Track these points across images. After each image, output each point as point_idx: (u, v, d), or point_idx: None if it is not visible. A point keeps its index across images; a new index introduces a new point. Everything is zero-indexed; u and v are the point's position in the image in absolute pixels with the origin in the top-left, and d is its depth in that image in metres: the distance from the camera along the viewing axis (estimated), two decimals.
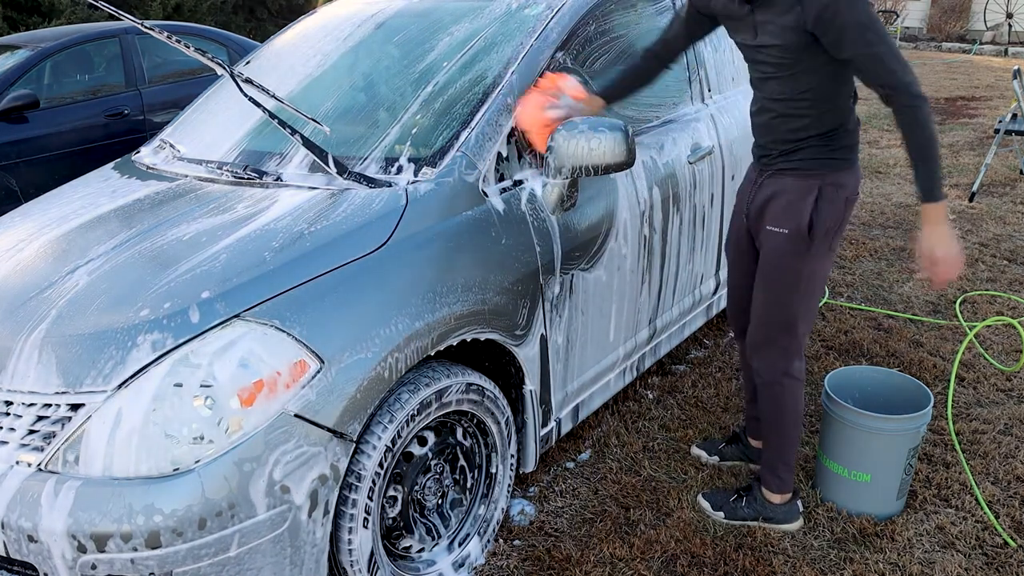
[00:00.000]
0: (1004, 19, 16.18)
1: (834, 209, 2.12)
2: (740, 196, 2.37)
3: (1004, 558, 2.25)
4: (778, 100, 2.10)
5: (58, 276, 1.93)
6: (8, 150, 4.76)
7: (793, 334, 2.23)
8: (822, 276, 2.19)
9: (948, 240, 1.92)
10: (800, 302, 2.20)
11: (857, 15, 1.86)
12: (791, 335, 2.23)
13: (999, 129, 5.73)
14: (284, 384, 1.68)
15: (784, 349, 2.25)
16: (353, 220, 1.97)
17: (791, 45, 1.97)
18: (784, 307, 2.21)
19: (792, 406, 2.30)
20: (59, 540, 1.57)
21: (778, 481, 2.36)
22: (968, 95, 10.33)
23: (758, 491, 2.40)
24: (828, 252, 2.17)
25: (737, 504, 2.41)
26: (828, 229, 2.13)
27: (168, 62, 5.75)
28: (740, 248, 2.40)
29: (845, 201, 2.13)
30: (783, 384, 2.28)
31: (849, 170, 2.13)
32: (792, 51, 1.99)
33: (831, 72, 2.01)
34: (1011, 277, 4.23)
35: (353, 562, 1.88)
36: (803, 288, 2.18)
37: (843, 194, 2.12)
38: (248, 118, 2.57)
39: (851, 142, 2.12)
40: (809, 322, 2.25)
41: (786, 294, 2.19)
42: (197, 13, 11.47)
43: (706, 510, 2.44)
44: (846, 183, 2.13)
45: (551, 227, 2.29)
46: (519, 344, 2.22)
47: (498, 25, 2.52)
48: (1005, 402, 3.04)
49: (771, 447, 2.36)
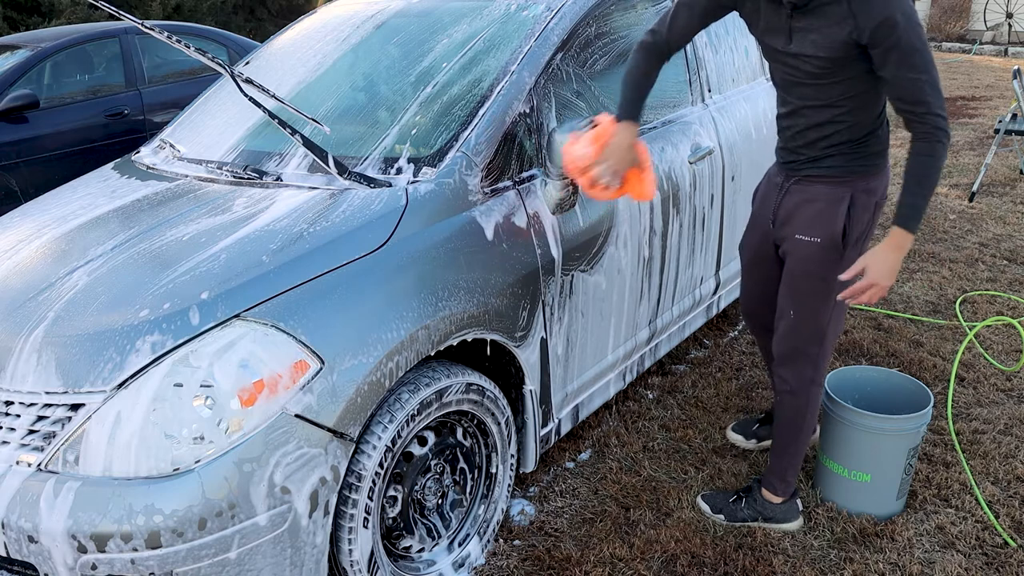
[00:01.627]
0: (1004, 19, 16.18)
1: (866, 215, 2.08)
2: (763, 201, 2.30)
3: (1004, 558, 2.25)
4: (811, 106, 2.03)
5: (57, 276, 1.93)
6: (8, 150, 4.76)
7: (823, 343, 2.19)
8: (851, 283, 2.13)
9: (895, 270, 1.92)
10: (831, 312, 2.16)
11: (912, 39, 1.81)
12: (821, 345, 2.19)
13: (999, 129, 5.73)
14: (284, 384, 1.68)
15: (813, 359, 2.21)
16: (353, 220, 1.97)
17: (837, 57, 1.90)
18: (816, 318, 2.16)
19: (812, 414, 2.30)
20: (59, 540, 1.57)
21: (784, 485, 2.36)
22: (968, 95, 10.33)
23: (758, 492, 2.39)
24: (858, 258, 2.11)
25: (737, 506, 2.40)
26: (859, 235, 2.09)
27: (168, 62, 5.75)
28: (760, 254, 2.34)
29: (875, 206, 2.09)
30: (809, 393, 2.25)
31: (879, 175, 2.09)
32: (835, 62, 1.92)
33: (870, 82, 1.96)
34: (1011, 277, 4.23)
35: (353, 562, 1.88)
36: (834, 298, 2.14)
37: (874, 199, 2.08)
38: (248, 118, 2.57)
39: (882, 147, 2.07)
40: (838, 330, 2.21)
41: (819, 305, 2.15)
42: (197, 13, 11.47)
43: (706, 512, 2.43)
44: (876, 188, 2.08)
45: (551, 228, 2.29)
46: (519, 345, 2.22)
47: (498, 26, 2.52)
48: (1005, 402, 3.04)
49: (787, 453, 2.33)
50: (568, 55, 2.49)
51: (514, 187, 2.25)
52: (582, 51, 2.55)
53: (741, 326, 3.74)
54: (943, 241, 4.83)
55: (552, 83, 2.41)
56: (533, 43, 2.39)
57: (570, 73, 2.49)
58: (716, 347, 3.54)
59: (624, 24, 2.76)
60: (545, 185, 2.28)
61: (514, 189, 2.25)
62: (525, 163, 2.30)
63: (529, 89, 2.31)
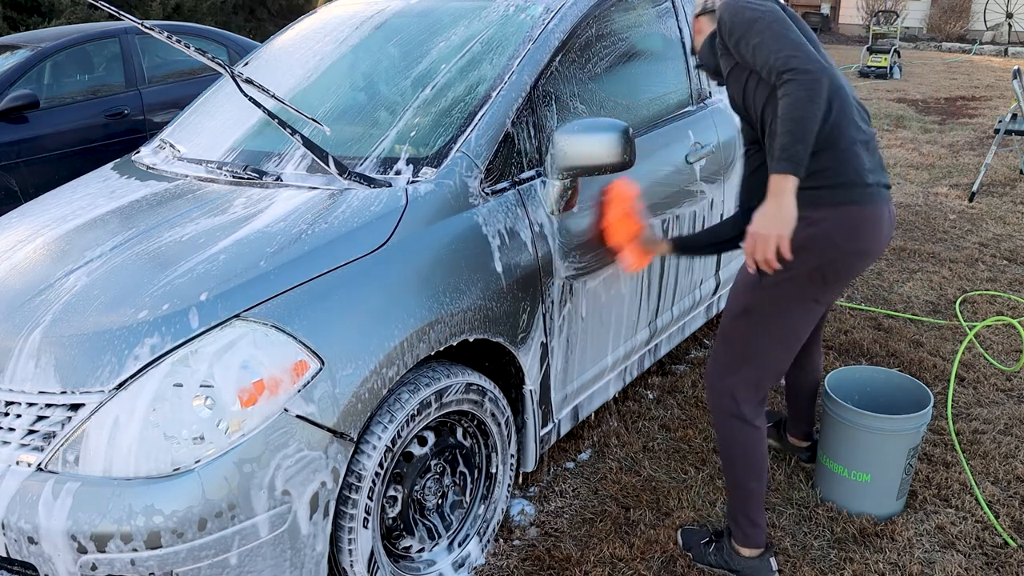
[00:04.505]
0: (1004, 19, 16.18)
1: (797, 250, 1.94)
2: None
3: (1004, 558, 2.25)
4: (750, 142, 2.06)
5: (57, 277, 1.93)
6: (8, 150, 4.76)
7: (738, 374, 2.08)
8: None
9: (774, 217, 1.74)
10: (753, 348, 2.07)
11: (734, 24, 1.86)
12: (737, 375, 2.08)
13: (999, 129, 5.73)
14: (284, 385, 1.68)
15: (730, 390, 2.12)
16: (353, 220, 1.97)
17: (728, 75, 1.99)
18: (734, 350, 2.11)
19: (741, 451, 2.10)
20: (59, 541, 1.57)
21: (742, 534, 2.15)
22: (968, 95, 10.33)
23: (727, 539, 2.20)
24: (784, 297, 2.00)
25: (706, 549, 2.23)
26: (788, 274, 1.97)
27: (168, 62, 5.75)
28: None
29: (816, 246, 1.92)
30: (731, 427, 2.11)
31: (821, 207, 1.93)
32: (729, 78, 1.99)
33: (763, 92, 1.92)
34: (1011, 277, 4.23)
35: (353, 562, 1.88)
36: (755, 334, 2.06)
37: (808, 232, 1.92)
38: (248, 118, 2.57)
39: (828, 178, 1.91)
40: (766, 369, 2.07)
41: (736, 335, 2.08)
42: (197, 13, 11.47)
43: (679, 545, 2.30)
44: (816, 220, 1.92)
45: (551, 229, 2.29)
46: (519, 345, 2.22)
47: (497, 27, 2.52)
48: (1005, 402, 3.04)
49: (731, 494, 2.16)
50: (568, 56, 2.49)
51: (514, 188, 2.25)
52: (582, 52, 2.55)
53: None
54: (943, 241, 4.83)
55: (552, 84, 2.41)
56: (532, 44, 2.39)
57: (570, 74, 2.48)
58: None
59: (624, 25, 2.76)
60: (545, 185, 2.28)
61: (514, 190, 2.25)
62: (525, 164, 2.30)
63: (529, 90, 2.31)
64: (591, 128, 2.15)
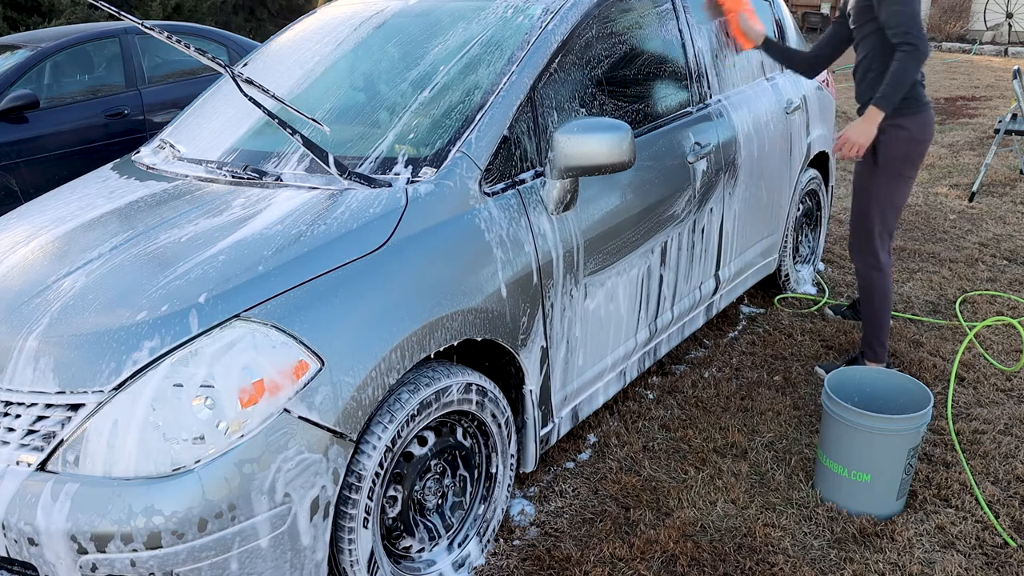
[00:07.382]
0: (1004, 19, 16.17)
1: (896, 146, 2.88)
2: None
3: (1004, 558, 2.25)
4: (860, 60, 2.94)
5: (56, 277, 1.93)
6: (8, 150, 4.76)
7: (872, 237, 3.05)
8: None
9: (863, 131, 2.77)
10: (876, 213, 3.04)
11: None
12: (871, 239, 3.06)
13: (999, 129, 5.72)
14: (284, 385, 1.68)
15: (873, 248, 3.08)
16: (353, 220, 1.97)
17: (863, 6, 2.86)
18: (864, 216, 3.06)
19: (881, 292, 3.09)
20: (59, 541, 1.57)
21: (872, 353, 3.13)
22: (968, 95, 10.34)
23: (862, 361, 3.15)
24: (890, 182, 2.94)
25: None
26: (890, 160, 2.92)
27: (168, 62, 5.75)
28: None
29: (908, 143, 2.87)
30: (871, 277, 3.09)
31: (912, 116, 2.87)
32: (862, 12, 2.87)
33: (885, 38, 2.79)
34: (1011, 277, 4.23)
35: (353, 562, 1.88)
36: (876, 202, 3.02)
37: (904, 134, 2.87)
38: (248, 118, 2.57)
39: (912, 96, 2.85)
40: (888, 227, 3.03)
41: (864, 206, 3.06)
42: (197, 13, 11.47)
43: (820, 375, 3.19)
44: (908, 126, 2.86)
45: (551, 229, 2.29)
46: (519, 346, 2.22)
47: (497, 27, 2.52)
48: (1005, 402, 3.04)
49: (869, 324, 3.13)
50: (567, 56, 2.49)
51: (514, 188, 2.25)
52: (581, 52, 2.55)
53: (741, 326, 3.74)
54: (943, 241, 4.83)
55: (551, 84, 2.41)
56: (532, 45, 2.39)
57: (569, 74, 2.48)
58: (716, 347, 3.54)
59: (623, 25, 2.76)
60: (545, 185, 2.28)
61: (514, 190, 2.25)
62: (525, 164, 2.30)
63: (528, 90, 2.31)
64: (591, 128, 2.15)
